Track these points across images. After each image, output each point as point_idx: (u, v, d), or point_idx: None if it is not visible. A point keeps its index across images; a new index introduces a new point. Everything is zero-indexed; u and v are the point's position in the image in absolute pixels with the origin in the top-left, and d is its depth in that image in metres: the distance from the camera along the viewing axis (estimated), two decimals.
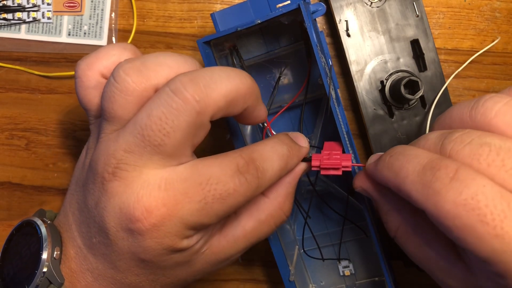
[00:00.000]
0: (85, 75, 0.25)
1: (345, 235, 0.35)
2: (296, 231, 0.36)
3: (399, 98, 0.32)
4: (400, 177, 0.21)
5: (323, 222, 0.36)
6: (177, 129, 0.21)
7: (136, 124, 0.21)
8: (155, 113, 0.21)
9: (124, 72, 0.22)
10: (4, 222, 0.40)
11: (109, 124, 0.23)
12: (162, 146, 0.21)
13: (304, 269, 0.36)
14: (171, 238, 0.22)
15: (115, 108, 0.22)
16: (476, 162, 0.19)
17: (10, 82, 0.40)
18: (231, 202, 0.22)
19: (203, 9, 0.38)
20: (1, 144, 0.40)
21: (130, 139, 0.21)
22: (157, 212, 0.21)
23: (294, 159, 0.26)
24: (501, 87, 0.37)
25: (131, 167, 0.21)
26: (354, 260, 0.35)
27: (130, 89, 0.22)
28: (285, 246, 0.33)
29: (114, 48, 0.25)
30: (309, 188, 0.34)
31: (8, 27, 0.39)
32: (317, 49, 0.28)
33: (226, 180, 0.22)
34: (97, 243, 0.23)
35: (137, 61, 0.23)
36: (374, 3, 0.33)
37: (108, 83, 0.23)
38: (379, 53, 0.33)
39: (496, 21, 0.36)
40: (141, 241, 0.22)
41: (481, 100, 0.21)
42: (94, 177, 0.23)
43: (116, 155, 0.22)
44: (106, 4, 0.38)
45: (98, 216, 0.22)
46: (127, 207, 0.21)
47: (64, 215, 0.26)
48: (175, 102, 0.21)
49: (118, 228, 0.22)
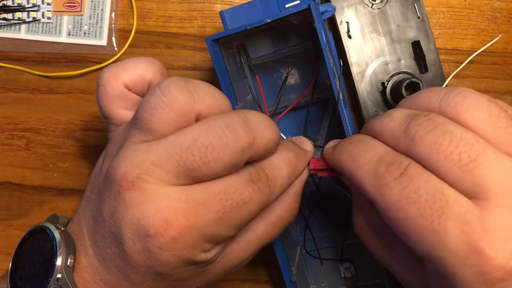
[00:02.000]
0: (109, 83, 0.25)
1: (347, 236, 0.35)
2: (298, 232, 0.36)
3: (400, 99, 0.32)
4: (356, 164, 0.22)
5: (326, 224, 0.36)
6: (218, 162, 0.21)
7: (176, 143, 0.21)
8: (202, 141, 0.21)
9: (175, 88, 0.22)
10: (4, 222, 0.40)
11: (140, 134, 0.22)
12: (196, 172, 0.21)
13: (306, 270, 0.36)
14: (189, 250, 0.21)
15: (154, 120, 0.22)
16: (435, 153, 0.20)
17: (10, 82, 0.40)
18: (247, 211, 0.22)
19: (203, 9, 0.38)
20: (1, 144, 0.40)
21: (163, 155, 0.21)
22: (177, 224, 0.21)
23: (301, 164, 0.26)
24: (501, 87, 0.37)
25: (154, 180, 0.21)
26: (355, 262, 0.35)
27: (176, 106, 0.22)
28: (287, 246, 0.33)
29: (141, 61, 0.26)
30: (313, 189, 0.34)
31: (8, 27, 0.39)
32: (326, 49, 0.27)
33: (242, 189, 0.22)
34: (112, 254, 0.22)
35: (188, 82, 0.23)
36: (375, 4, 0.33)
37: (153, 94, 0.22)
38: (380, 55, 0.33)
39: (496, 21, 0.36)
40: (159, 255, 0.21)
41: (452, 93, 0.21)
42: (110, 184, 0.22)
43: (141, 166, 0.21)
44: (106, 4, 0.38)
45: (114, 227, 0.22)
46: (146, 219, 0.21)
47: (77, 222, 0.25)
48: (226, 137, 0.21)
49: (136, 240, 0.21)
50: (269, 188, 0.23)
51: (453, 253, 0.19)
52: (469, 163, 0.19)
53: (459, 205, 0.19)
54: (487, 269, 0.18)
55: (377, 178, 0.21)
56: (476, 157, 0.19)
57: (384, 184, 0.20)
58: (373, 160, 0.22)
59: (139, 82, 0.25)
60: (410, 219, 0.19)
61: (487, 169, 0.19)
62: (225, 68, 0.31)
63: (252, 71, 0.33)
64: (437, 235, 0.19)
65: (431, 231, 0.19)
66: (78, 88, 0.39)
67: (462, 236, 0.19)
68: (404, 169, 0.20)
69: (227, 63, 0.31)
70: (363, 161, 0.22)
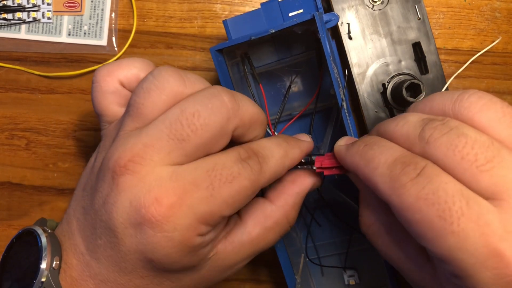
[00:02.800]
0: (104, 80, 0.26)
1: (351, 244, 0.35)
2: (302, 239, 0.36)
3: (401, 101, 0.32)
4: (370, 167, 0.22)
5: (330, 231, 0.36)
6: (206, 128, 0.22)
7: (165, 118, 0.22)
8: (189, 110, 0.22)
9: (166, 73, 0.23)
10: (4, 222, 0.40)
11: (132, 121, 0.23)
12: (186, 142, 0.22)
13: (310, 278, 0.36)
14: (181, 232, 0.21)
15: (146, 104, 0.23)
16: (451, 154, 0.20)
17: (10, 82, 0.40)
18: (237, 186, 0.22)
19: (203, 9, 0.38)
20: (1, 144, 0.40)
21: (154, 133, 0.22)
22: (167, 201, 0.21)
23: (294, 148, 0.26)
24: (501, 87, 0.37)
25: (146, 161, 0.21)
26: (359, 269, 0.35)
27: (168, 89, 0.23)
28: (291, 254, 0.33)
29: (136, 60, 0.26)
30: (317, 197, 0.34)
31: (8, 27, 0.39)
32: (330, 59, 0.27)
33: (230, 164, 0.22)
34: (102, 244, 0.23)
35: (179, 70, 0.24)
36: (376, 5, 0.33)
37: (145, 80, 0.23)
38: (380, 56, 0.33)
39: (496, 21, 0.36)
40: (150, 237, 0.21)
41: (465, 94, 0.22)
42: (104, 173, 0.22)
43: (133, 149, 0.22)
44: (106, 4, 0.38)
45: (105, 214, 0.22)
46: (137, 199, 0.21)
47: (67, 223, 0.25)
48: (211, 103, 0.22)
49: (127, 223, 0.21)
50: (259, 165, 0.23)
51: (473, 255, 0.18)
52: (486, 163, 0.19)
53: (479, 206, 0.19)
54: (507, 271, 0.18)
55: (393, 179, 0.21)
56: (492, 158, 0.19)
57: (400, 185, 0.20)
58: (388, 162, 0.21)
59: (134, 81, 0.26)
60: (428, 220, 0.19)
61: (505, 169, 0.19)
62: (229, 77, 0.31)
63: (255, 79, 0.33)
64: (456, 237, 0.19)
65: (450, 232, 0.19)
66: (78, 88, 0.39)
67: (482, 238, 0.18)
68: (421, 170, 0.20)
69: (231, 72, 0.31)
70: (377, 163, 0.22)
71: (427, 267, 0.22)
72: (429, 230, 0.19)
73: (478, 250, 0.18)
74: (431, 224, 0.19)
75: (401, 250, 0.24)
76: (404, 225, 0.21)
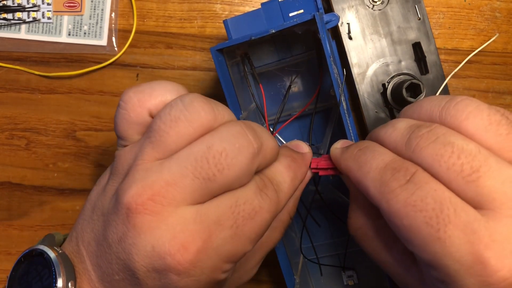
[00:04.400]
0: (134, 110, 0.23)
1: (350, 245, 0.35)
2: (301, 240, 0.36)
3: (401, 101, 0.32)
4: (362, 171, 0.22)
5: (329, 232, 0.36)
6: (232, 168, 0.21)
7: (191, 154, 0.20)
8: (217, 148, 0.20)
9: (198, 104, 0.21)
10: (4, 222, 0.40)
11: (152, 150, 0.21)
12: (211, 182, 0.20)
13: (309, 278, 0.36)
14: (208, 274, 0.20)
15: (171, 134, 0.21)
16: (437, 164, 0.20)
17: (10, 82, 0.40)
18: (259, 221, 0.21)
19: (203, 9, 0.38)
20: (1, 144, 0.40)
21: (177, 170, 0.20)
22: (194, 247, 0.20)
23: (301, 167, 0.26)
24: (501, 87, 0.37)
25: (168, 202, 0.20)
26: (358, 270, 0.35)
27: (198, 122, 0.21)
28: (290, 254, 0.33)
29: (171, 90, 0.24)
30: (316, 197, 0.34)
31: (8, 27, 0.39)
32: (330, 60, 0.27)
33: (252, 197, 0.21)
34: (121, 280, 0.21)
35: (210, 100, 0.22)
36: (376, 6, 0.33)
37: (174, 106, 0.21)
38: (380, 56, 0.33)
39: (496, 21, 0.36)
40: (177, 282, 0.20)
41: (452, 102, 0.22)
42: (118, 207, 0.21)
43: (154, 186, 0.20)
44: (106, 4, 0.38)
45: (123, 253, 0.21)
46: (162, 245, 0.20)
47: (76, 243, 0.24)
48: (238, 142, 0.21)
49: (150, 268, 0.20)
50: (276, 194, 0.23)
51: (458, 262, 0.19)
52: (472, 173, 0.19)
53: (466, 214, 0.19)
54: (491, 279, 0.18)
55: (383, 184, 0.21)
56: (479, 168, 0.19)
57: (390, 190, 0.20)
58: (380, 167, 0.21)
59: (162, 107, 0.24)
60: (416, 226, 0.19)
61: (491, 179, 0.19)
62: (229, 77, 0.31)
63: (255, 79, 0.33)
64: (442, 243, 0.19)
65: (436, 239, 0.19)
66: (78, 88, 0.39)
67: (468, 245, 0.18)
68: (411, 176, 0.20)
69: (231, 72, 0.31)
70: (369, 167, 0.22)
71: (414, 271, 0.23)
72: (416, 236, 0.19)
73: (464, 257, 0.18)
74: (419, 230, 0.19)
75: (388, 253, 0.24)
76: (393, 230, 0.21)
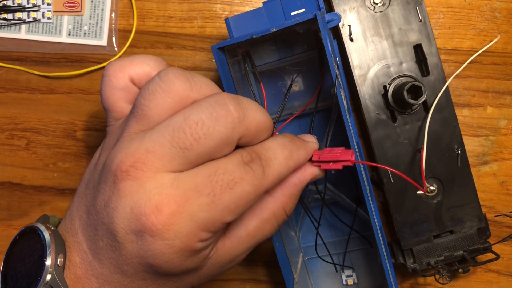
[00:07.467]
0: (115, 75, 0.25)
1: (350, 244, 0.35)
2: (301, 239, 0.36)
3: (402, 103, 0.32)
4: None
5: (328, 231, 0.36)
6: (209, 137, 0.21)
7: (169, 125, 0.22)
8: (193, 118, 0.21)
9: (173, 75, 0.22)
10: (4, 222, 0.40)
11: (137, 123, 0.23)
12: (188, 151, 0.21)
13: (308, 277, 0.36)
14: (182, 239, 0.21)
15: (151, 106, 0.22)
16: None
17: (10, 82, 0.40)
18: (239, 192, 0.22)
19: (203, 9, 0.38)
20: (1, 144, 0.40)
21: (157, 139, 0.21)
22: (167, 209, 0.21)
23: (299, 150, 0.26)
24: (501, 87, 0.37)
25: (147, 167, 0.21)
26: (357, 269, 0.35)
27: (173, 91, 0.22)
28: (289, 253, 0.33)
29: (150, 58, 0.26)
30: (317, 197, 0.34)
31: (8, 27, 0.39)
32: (332, 59, 0.27)
33: (232, 169, 0.22)
34: (104, 246, 0.22)
35: (186, 72, 0.23)
36: (377, 7, 0.33)
37: (151, 81, 0.23)
38: (382, 58, 0.33)
39: (496, 21, 0.36)
40: (151, 244, 0.21)
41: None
42: (106, 175, 0.22)
43: (135, 154, 0.21)
44: (106, 4, 0.38)
45: (107, 217, 0.22)
46: (138, 207, 0.21)
47: (70, 220, 0.25)
48: (216, 112, 0.21)
49: (128, 230, 0.21)
50: (262, 168, 0.23)
51: None
52: None
53: None
54: None
55: None
56: None
57: None
58: None
59: (144, 79, 0.25)
60: None
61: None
62: (230, 76, 0.31)
63: (256, 78, 0.33)
64: None
65: None
66: (78, 88, 0.39)
67: None
68: None
69: (232, 70, 0.31)
70: None
71: None
72: None
73: None
74: None
75: None
76: None
